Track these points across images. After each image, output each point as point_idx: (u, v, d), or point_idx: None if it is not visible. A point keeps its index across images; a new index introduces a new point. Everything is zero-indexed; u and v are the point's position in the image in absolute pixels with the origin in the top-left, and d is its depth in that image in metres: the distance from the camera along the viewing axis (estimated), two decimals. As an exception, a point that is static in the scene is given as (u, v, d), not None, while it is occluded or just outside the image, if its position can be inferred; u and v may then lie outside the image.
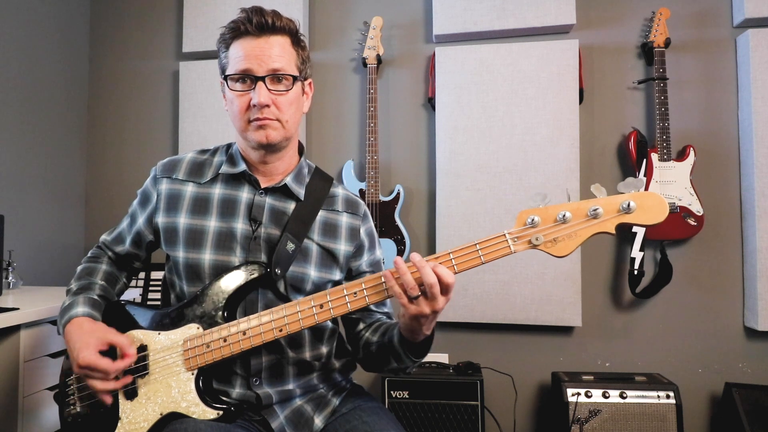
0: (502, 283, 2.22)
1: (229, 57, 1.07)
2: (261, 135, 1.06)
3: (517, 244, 0.92)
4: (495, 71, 2.28)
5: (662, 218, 0.88)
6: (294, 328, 0.99)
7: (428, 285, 0.89)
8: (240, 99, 1.05)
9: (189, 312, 1.05)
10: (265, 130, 1.05)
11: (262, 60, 1.04)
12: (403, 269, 0.91)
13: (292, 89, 1.07)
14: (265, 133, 1.05)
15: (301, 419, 1.08)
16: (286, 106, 1.07)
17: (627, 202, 0.88)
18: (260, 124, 1.05)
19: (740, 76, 2.18)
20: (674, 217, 2.11)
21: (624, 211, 0.89)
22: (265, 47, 1.05)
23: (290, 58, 1.08)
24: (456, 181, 2.28)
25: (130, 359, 1.01)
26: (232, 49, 1.07)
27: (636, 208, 0.88)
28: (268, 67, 1.04)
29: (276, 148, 1.10)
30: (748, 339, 2.16)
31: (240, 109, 1.06)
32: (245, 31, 1.05)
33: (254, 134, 1.06)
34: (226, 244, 1.08)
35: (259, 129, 1.05)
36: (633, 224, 0.90)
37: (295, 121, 1.11)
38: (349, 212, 1.18)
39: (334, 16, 2.53)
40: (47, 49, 2.44)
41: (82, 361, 0.97)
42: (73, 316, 1.06)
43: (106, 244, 1.24)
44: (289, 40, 1.08)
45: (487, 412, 2.10)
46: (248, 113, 1.05)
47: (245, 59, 1.04)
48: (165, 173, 1.15)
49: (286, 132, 1.08)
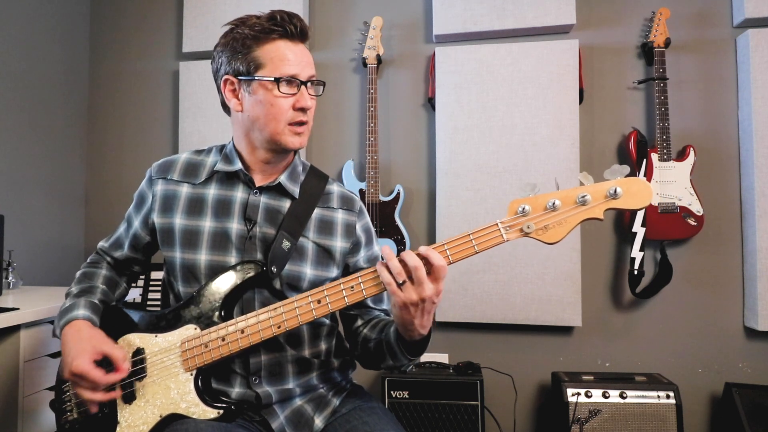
0: (502, 283, 2.22)
1: (264, 57, 1.05)
2: (296, 140, 1.09)
3: (509, 233, 0.95)
4: (495, 71, 2.27)
5: (648, 202, 0.91)
6: (292, 324, 0.99)
7: (412, 268, 0.90)
8: (286, 101, 1.06)
9: (186, 313, 1.05)
10: (300, 137, 1.09)
11: (304, 65, 1.07)
12: (389, 254, 0.93)
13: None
14: (300, 140, 1.09)
15: (302, 419, 1.08)
16: (313, 109, 1.11)
17: (613, 188, 0.91)
18: (298, 131, 1.08)
19: (740, 76, 2.18)
20: (674, 217, 2.11)
21: (611, 196, 0.92)
22: (305, 53, 1.09)
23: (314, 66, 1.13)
24: (456, 181, 2.28)
25: (122, 374, 1.00)
26: (266, 49, 1.05)
27: (622, 193, 0.91)
28: (309, 72, 1.08)
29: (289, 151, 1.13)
30: (748, 339, 2.16)
31: (283, 112, 1.06)
32: (291, 34, 1.06)
33: (291, 138, 1.08)
34: (221, 244, 1.08)
35: (295, 135, 1.08)
36: (621, 209, 0.93)
37: None
38: (344, 209, 1.18)
39: (334, 16, 2.53)
40: (47, 49, 2.44)
41: (74, 369, 0.97)
42: (72, 318, 1.06)
43: (104, 250, 1.24)
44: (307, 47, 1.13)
45: (487, 412, 2.10)
46: (289, 115, 1.07)
47: (293, 63, 1.05)
48: (160, 174, 1.15)
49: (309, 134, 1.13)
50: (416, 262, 0.90)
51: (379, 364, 1.12)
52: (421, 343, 1.02)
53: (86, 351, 0.99)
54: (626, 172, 0.92)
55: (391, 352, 1.05)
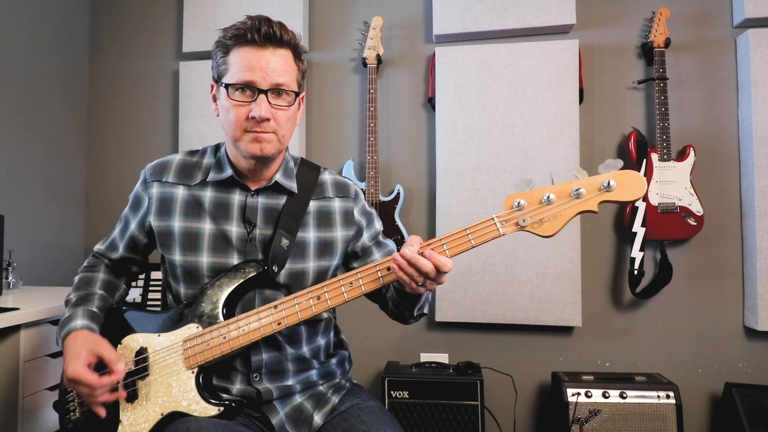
0: (502, 283, 2.22)
1: (229, 63, 1.04)
2: (255, 147, 1.04)
3: (505, 227, 0.96)
4: (495, 71, 2.28)
5: (642, 194, 0.93)
6: (292, 321, 1.00)
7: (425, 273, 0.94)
8: (238, 109, 1.02)
9: (188, 313, 1.06)
10: (260, 144, 1.04)
11: (266, 73, 1.01)
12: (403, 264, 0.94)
13: (293, 105, 1.07)
14: (260, 147, 1.04)
15: (301, 416, 1.09)
16: (284, 120, 1.05)
17: (607, 181, 0.93)
18: (256, 137, 1.03)
19: (740, 76, 2.18)
20: (674, 217, 2.11)
21: (605, 189, 0.93)
22: (270, 60, 1.02)
23: (292, 74, 1.06)
24: (456, 180, 2.28)
25: (117, 377, 1.00)
26: (233, 55, 1.03)
27: (616, 185, 0.93)
28: (272, 81, 1.02)
29: (268, 160, 1.09)
30: (748, 339, 2.16)
31: (237, 119, 1.03)
32: (251, 40, 1.01)
33: (249, 145, 1.04)
34: (222, 246, 1.09)
35: (254, 141, 1.03)
36: (615, 201, 0.94)
37: (290, 135, 1.10)
38: (340, 196, 1.19)
39: (334, 16, 2.53)
40: (47, 49, 2.44)
41: (69, 374, 0.98)
42: (71, 329, 1.06)
43: (101, 253, 1.23)
44: (291, 53, 1.07)
45: (487, 412, 2.10)
46: (245, 124, 1.03)
47: (249, 70, 1.01)
48: (155, 176, 1.14)
49: (281, 146, 1.08)
50: (428, 267, 0.93)
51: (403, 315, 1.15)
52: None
53: (80, 356, 0.99)
54: (620, 165, 0.93)
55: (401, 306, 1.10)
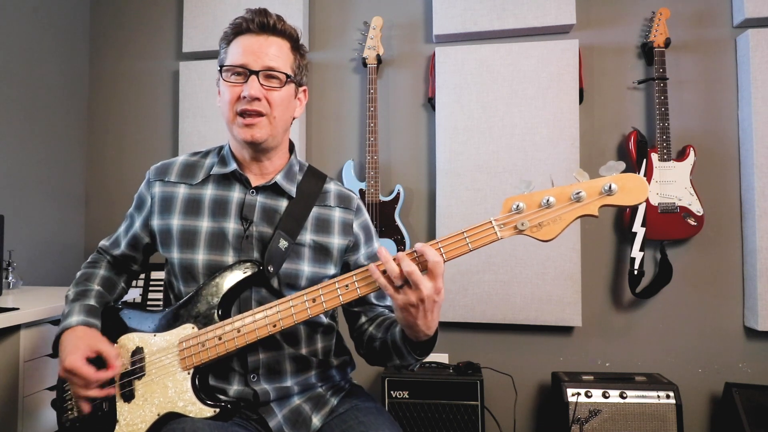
0: (502, 283, 2.22)
1: (228, 52, 1.10)
2: (246, 133, 1.07)
3: (503, 230, 0.93)
4: (495, 71, 2.27)
5: (643, 198, 0.90)
6: (287, 322, 1.00)
7: (407, 273, 0.89)
8: (232, 89, 1.07)
9: (184, 312, 1.06)
10: (251, 129, 1.07)
11: (258, 56, 1.06)
12: (385, 257, 0.91)
13: (285, 87, 1.09)
14: (251, 132, 1.07)
15: (299, 418, 1.08)
16: (277, 102, 1.08)
17: (608, 185, 0.90)
18: (247, 123, 1.06)
19: (740, 76, 2.18)
20: (674, 217, 2.11)
21: (606, 193, 0.91)
22: (264, 44, 1.08)
23: (286, 60, 1.10)
24: (456, 181, 2.28)
25: (113, 371, 1.01)
26: (232, 45, 1.10)
27: (618, 189, 0.90)
28: (263, 63, 1.07)
29: (263, 147, 1.11)
30: (748, 339, 2.15)
31: (230, 100, 1.07)
32: (247, 29, 1.08)
33: (240, 131, 1.08)
34: (218, 243, 1.09)
35: (245, 127, 1.07)
36: (616, 205, 0.92)
37: (284, 120, 1.12)
38: (341, 207, 1.19)
39: (334, 16, 2.53)
40: (47, 49, 2.44)
41: (66, 365, 0.98)
42: (68, 326, 1.07)
43: (104, 249, 1.26)
44: (288, 44, 1.11)
45: (487, 412, 2.10)
46: (237, 105, 1.07)
47: (243, 54, 1.07)
48: (158, 176, 1.17)
49: (273, 129, 1.09)
50: (410, 266, 0.89)
51: (386, 363, 1.11)
52: (428, 343, 1.01)
53: (79, 349, 1.00)
54: (622, 168, 0.90)
55: (398, 352, 1.04)
